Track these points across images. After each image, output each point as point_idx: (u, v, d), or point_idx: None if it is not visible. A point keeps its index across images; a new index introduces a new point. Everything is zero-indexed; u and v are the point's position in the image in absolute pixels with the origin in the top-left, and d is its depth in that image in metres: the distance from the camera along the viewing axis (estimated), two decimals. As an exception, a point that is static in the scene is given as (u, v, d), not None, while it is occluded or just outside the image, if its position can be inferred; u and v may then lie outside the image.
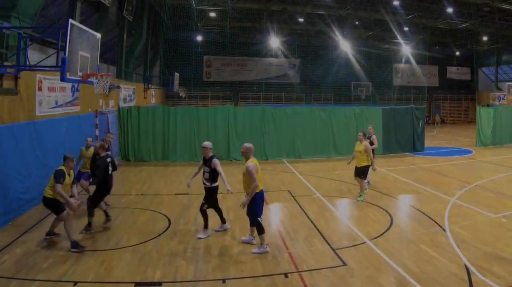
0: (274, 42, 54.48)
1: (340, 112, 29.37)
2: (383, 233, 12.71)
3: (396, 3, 41.40)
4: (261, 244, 11.15)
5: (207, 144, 12.52)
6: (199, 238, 12.09)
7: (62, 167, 11.28)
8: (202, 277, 9.76)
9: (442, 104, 69.95)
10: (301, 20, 49.73)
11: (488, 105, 53.43)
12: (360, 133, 17.11)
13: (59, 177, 10.96)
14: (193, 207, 15.11)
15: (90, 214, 12.56)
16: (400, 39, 53.78)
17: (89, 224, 12.55)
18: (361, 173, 16.99)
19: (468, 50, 67.42)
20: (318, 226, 13.39)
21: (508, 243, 11.53)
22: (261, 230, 11.15)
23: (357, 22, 53.04)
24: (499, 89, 66.31)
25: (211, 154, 12.40)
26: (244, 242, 11.92)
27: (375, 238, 12.24)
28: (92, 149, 14.96)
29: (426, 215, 14.54)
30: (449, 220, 13.87)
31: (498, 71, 68.28)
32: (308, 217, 14.41)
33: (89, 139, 15.97)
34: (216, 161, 12.23)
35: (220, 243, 11.92)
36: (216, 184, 12.53)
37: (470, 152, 31.51)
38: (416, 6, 43.87)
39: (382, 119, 29.69)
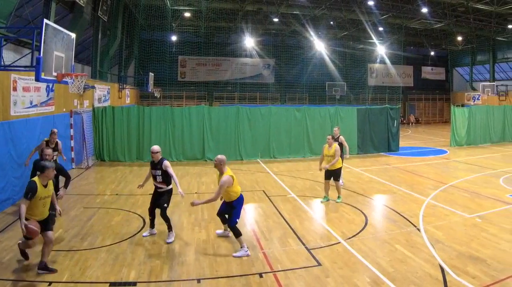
0: (249, 42, 54.68)
1: (315, 112, 29.51)
2: (358, 233, 12.78)
3: (371, 3, 41.66)
4: (241, 247, 11.09)
5: (156, 148, 12.39)
6: (168, 243, 11.97)
7: (36, 179, 9.63)
8: (176, 277, 9.75)
9: (417, 104, 70.61)
10: (275, 20, 49.94)
11: (462, 105, 53.93)
12: (329, 137, 16.87)
13: (27, 192, 9.35)
14: (168, 207, 15.04)
15: None
16: (375, 39, 54.17)
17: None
18: (336, 175, 16.76)
19: (443, 50, 68.17)
20: (292, 226, 13.43)
21: (483, 243, 11.66)
22: (237, 234, 11.11)
23: (331, 22, 53.41)
24: (474, 89, 67.04)
25: (160, 157, 12.33)
26: (218, 235, 12.15)
27: (350, 238, 12.30)
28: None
29: (400, 215, 14.66)
30: (424, 220, 13.99)
31: (472, 71, 68.98)
32: (283, 217, 14.46)
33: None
34: (166, 163, 12.17)
35: (195, 243, 11.91)
36: (171, 186, 12.42)
37: (444, 152, 31.82)
38: (391, 6, 44.21)
39: (357, 119, 29.96)
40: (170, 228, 12.24)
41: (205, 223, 13.72)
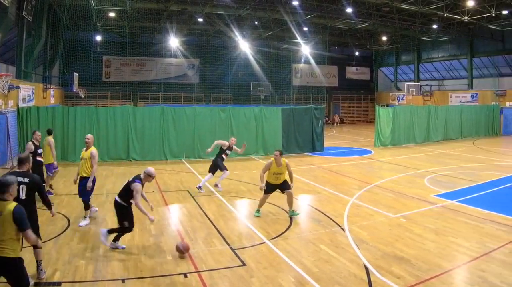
0: (174, 42, 54.86)
1: (240, 112, 29.77)
2: (282, 233, 12.84)
3: (295, 3, 42.02)
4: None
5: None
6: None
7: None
8: (101, 277, 9.66)
9: (341, 104, 71.91)
10: (200, 20, 50.05)
11: (387, 105, 55.25)
12: (277, 152, 14.54)
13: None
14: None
15: None
16: (299, 39, 55.06)
17: None
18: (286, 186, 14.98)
19: (367, 50, 69.74)
20: (217, 226, 13.42)
21: (407, 243, 11.90)
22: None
23: (256, 22, 53.76)
24: (399, 89, 68.73)
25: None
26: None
27: (274, 238, 12.36)
28: None
29: (325, 215, 14.81)
30: (349, 220, 14.18)
31: (397, 71, 70.59)
32: (208, 217, 14.44)
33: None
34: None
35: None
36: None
37: (369, 152, 32.46)
38: (316, 6, 44.73)
39: (282, 119, 30.33)
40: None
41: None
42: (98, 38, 55.18)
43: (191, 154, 28.26)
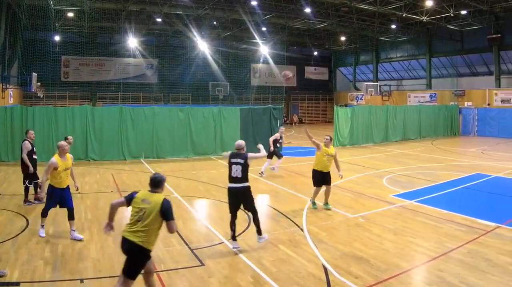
0: (132, 42, 54.80)
1: (198, 112, 29.90)
2: (241, 233, 12.83)
3: (254, 3, 42.14)
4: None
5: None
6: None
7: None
8: (60, 277, 9.61)
9: (300, 104, 72.36)
10: (159, 20, 50.12)
11: (346, 105, 55.66)
12: (328, 137, 16.28)
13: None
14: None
15: None
16: (258, 39, 55.24)
17: None
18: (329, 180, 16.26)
19: (326, 50, 70.32)
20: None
21: (366, 243, 12.00)
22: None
23: (215, 22, 53.95)
24: (357, 89, 69.31)
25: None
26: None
27: (233, 238, 12.27)
28: None
29: (284, 215, 14.90)
30: (307, 220, 14.28)
31: (356, 71, 71.13)
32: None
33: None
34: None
35: (79, 243, 11.78)
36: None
37: (328, 152, 32.40)
38: (274, 6, 44.90)
39: (240, 119, 30.48)
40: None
41: (89, 223, 13.74)
42: (57, 38, 54.79)
43: (150, 154, 28.29)
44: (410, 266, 10.40)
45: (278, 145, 23.53)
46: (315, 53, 71.53)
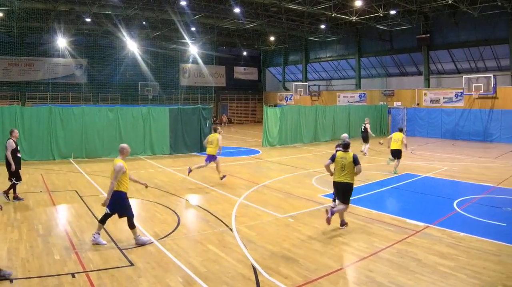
0: (61, 42, 53.86)
1: (128, 112, 29.86)
2: (170, 233, 12.88)
3: (183, 3, 42.01)
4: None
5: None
6: None
7: None
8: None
9: (229, 104, 72.49)
10: (88, 20, 49.21)
11: (275, 105, 56.00)
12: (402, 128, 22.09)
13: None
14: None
15: None
16: (187, 39, 55.26)
17: None
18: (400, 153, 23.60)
19: (255, 50, 70.52)
20: (105, 226, 13.14)
21: (295, 243, 12.14)
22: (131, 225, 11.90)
23: (144, 22, 53.75)
24: (287, 89, 69.76)
25: None
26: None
27: (162, 238, 12.39)
28: None
29: (213, 215, 14.92)
30: (237, 220, 14.34)
31: (285, 71, 71.54)
32: (95, 217, 14.19)
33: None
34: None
35: (7, 243, 11.65)
36: None
37: (257, 152, 32.90)
38: (204, 6, 44.80)
39: (169, 119, 30.59)
40: None
41: (18, 223, 13.58)
42: (-15, 38, 53.34)
43: (79, 153, 28.12)
44: (339, 266, 10.58)
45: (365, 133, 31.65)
46: (245, 53, 71.93)
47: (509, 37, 41.31)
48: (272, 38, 63.17)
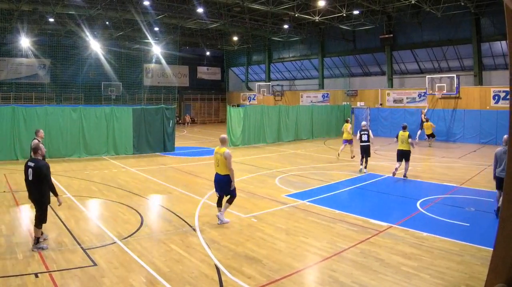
0: (25, 42, 53.59)
1: (91, 112, 29.74)
2: (133, 233, 12.85)
3: (146, 3, 41.80)
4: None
5: None
6: None
7: None
8: None
9: (192, 104, 72.39)
10: (51, 20, 48.94)
11: (238, 105, 55.93)
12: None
13: None
14: None
15: None
16: (150, 39, 55.31)
17: None
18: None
19: (218, 50, 70.57)
20: (68, 226, 13.30)
21: (258, 243, 12.21)
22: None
23: (107, 22, 53.29)
24: (250, 89, 69.87)
25: None
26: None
27: (125, 238, 12.35)
28: None
29: (176, 215, 14.93)
30: (200, 220, 14.36)
31: (248, 71, 71.65)
32: (58, 217, 14.23)
33: None
34: None
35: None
36: None
37: (221, 152, 32.54)
38: (167, 6, 44.60)
39: (133, 120, 30.56)
40: None
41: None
42: None
43: (43, 154, 27.60)
44: (302, 266, 10.64)
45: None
46: (208, 53, 71.83)
47: (473, 37, 41.88)
48: (235, 38, 63.30)
